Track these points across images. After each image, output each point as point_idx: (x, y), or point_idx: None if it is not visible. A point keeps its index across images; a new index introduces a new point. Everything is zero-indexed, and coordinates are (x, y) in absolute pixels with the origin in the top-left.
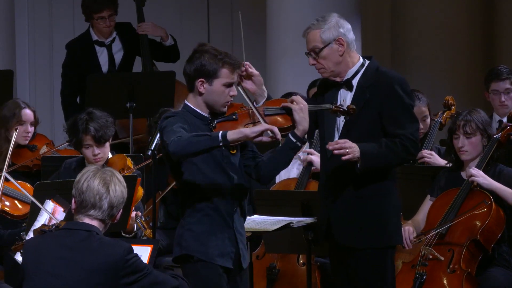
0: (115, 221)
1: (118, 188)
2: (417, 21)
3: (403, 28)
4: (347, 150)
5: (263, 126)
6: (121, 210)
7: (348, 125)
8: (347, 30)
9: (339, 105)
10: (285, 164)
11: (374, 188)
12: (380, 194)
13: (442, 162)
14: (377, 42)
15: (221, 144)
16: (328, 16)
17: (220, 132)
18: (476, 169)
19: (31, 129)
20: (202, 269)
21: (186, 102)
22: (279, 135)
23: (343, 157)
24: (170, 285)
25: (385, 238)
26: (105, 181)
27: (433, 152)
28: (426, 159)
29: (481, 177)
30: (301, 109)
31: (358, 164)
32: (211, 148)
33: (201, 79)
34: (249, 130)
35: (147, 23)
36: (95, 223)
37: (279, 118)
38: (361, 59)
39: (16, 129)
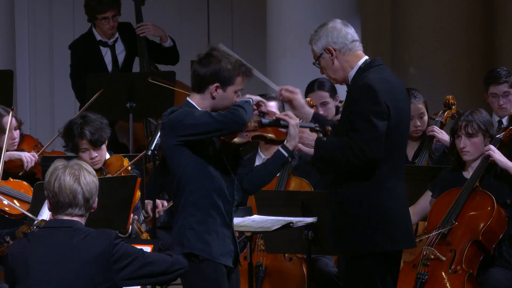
0: (93, 210)
1: (88, 179)
2: (417, 21)
3: (403, 28)
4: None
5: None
6: (97, 198)
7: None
8: (338, 36)
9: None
10: (272, 177)
11: (351, 193)
12: (356, 200)
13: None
14: (377, 42)
15: None
16: (321, 26)
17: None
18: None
19: (16, 134)
20: (206, 268)
21: (190, 100)
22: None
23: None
24: (165, 263)
25: (363, 244)
26: (75, 176)
27: (442, 131)
28: (435, 133)
29: (497, 154)
30: (296, 125)
31: None
32: None
33: (217, 84)
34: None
35: (146, 23)
36: (75, 219)
37: (277, 129)
38: (361, 61)
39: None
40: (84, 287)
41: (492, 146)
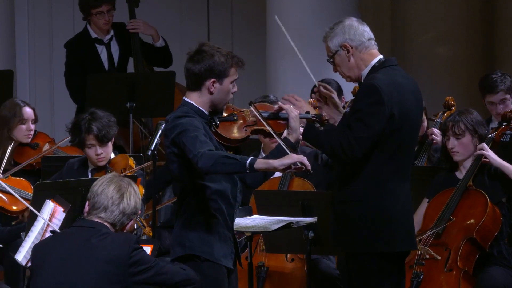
0: (125, 230)
1: (133, 198)
2: (417, 21)
3: (403, 28)
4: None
5: (292, 158)
6: (132, 221)
7: None
8: (355, 34)
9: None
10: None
11: (353, 193)
12: (357, 200)
13: None
14: (377, 41)
15: (247, 171)
16: (336, 23)
17: (249, 160)
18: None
19: (32, 127)
20: (208, 269)
21: (188, 100)
22: (309, 166)
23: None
24: (178, 276)
25: (360, 243)
26: (120, 188)
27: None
28: (434, 136)
29: (490, 153)
30: (296, 117)
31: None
32: (236, 172)
33: (213, 79)
34: (278, 163)
35: (138, 20)
36: (105, 223)
37: (277, 122)
38: (375, 60)
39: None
40: (96, 285)
41: (484, 145)
